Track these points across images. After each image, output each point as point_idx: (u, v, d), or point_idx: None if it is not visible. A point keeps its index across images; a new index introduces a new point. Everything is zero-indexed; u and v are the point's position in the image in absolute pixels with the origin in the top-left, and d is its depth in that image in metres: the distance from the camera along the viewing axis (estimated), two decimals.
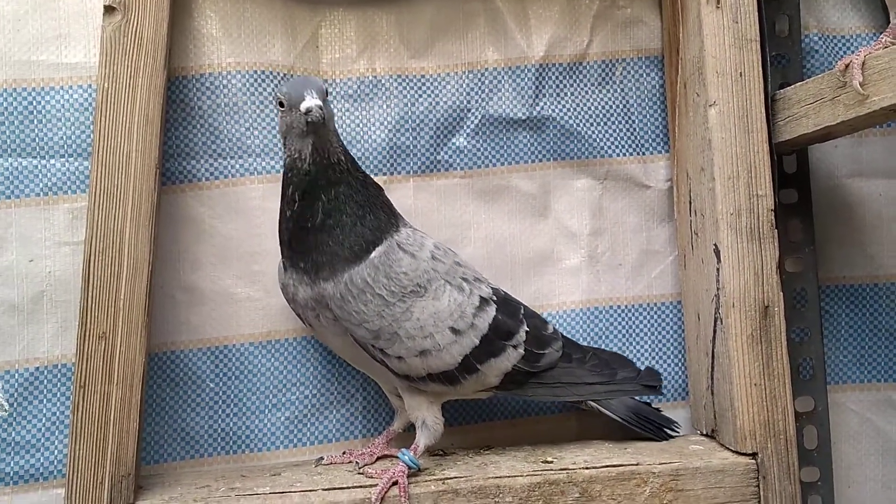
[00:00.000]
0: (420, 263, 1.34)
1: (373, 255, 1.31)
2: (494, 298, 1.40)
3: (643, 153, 1.62)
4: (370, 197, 1.34)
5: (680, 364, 1.60)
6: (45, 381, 1.42)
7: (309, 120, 1.24)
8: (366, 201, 1.32)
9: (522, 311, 1.43)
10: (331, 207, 1.30)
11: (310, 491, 1.31)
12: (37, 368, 1.42)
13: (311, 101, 1.24)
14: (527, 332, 1.40)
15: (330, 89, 1.53)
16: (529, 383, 1.41)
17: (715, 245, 1.42)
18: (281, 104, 1.30)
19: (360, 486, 1.32)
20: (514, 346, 1.39)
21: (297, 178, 1.31)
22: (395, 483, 1.31)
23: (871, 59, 1.26)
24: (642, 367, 1.55)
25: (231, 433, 1.49)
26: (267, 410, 1.50)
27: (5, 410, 1.41)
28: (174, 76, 1.48)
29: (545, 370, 1.42)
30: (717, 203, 1.42)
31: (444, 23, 1.58)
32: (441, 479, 1.34)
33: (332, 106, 1.35)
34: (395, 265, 1.31)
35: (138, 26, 1.35)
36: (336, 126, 1.34)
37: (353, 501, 1.30)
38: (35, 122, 1.44)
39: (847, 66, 1.29)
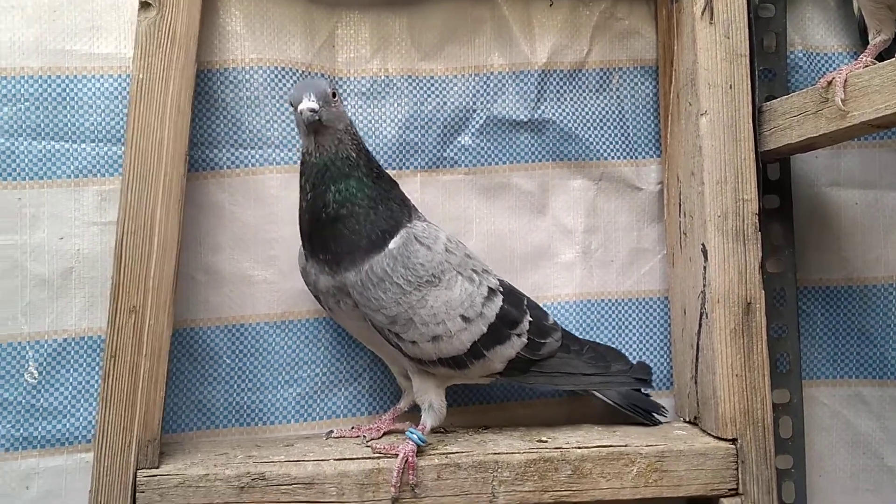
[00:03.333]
0: (435, 255, 1.42)
1: (391, 245, 1.39)
2: (501, 289, 1.49)
3: (636, 157, 1.71)
4: (382, 190, 1.42)
5: (665, 356, 1.70)
6: (73, 351, 1.51)
7: (303, 120, 1.35)
8: (378, 195, 1.41)
9: (525, 302, 1.52)
10: (342, 198, 1.38)
11: (322, 460, 1.40)
12: (65, 340, 1.51)
13: (305, 104, 1.34)
14: (530, 321, 1.50)
15: (344, 87, 1.63)
16: (531, 371, 1.51)
17: (703, 245, 1.52)
18: (290, 104, 1.40)
19: (369, 458, 1.42)
20: (518, 335, 1.48)
21: (307, 170, 1.40)
22: (407, 461, 1.40)
23: (852, 76, 1.35)
24: (633, 355, 1.65)
25: (245, 406, 1.57)
26: (280, 386, 1.58)
27: (35, 378, 1.49)
28: (200, 69, 1.55)
29: (545, 359, 1.51)
30: (705, 206, 1.52)
31: (453, 28, 1.67)
32: (443, 454, 1.43)
33: (343, 105, 1.43)
34: (413, 256, 1.40)
35: (172, 21, 1.44)
36: (349, 124, 1.42)
37: (362, 471, 1.39)
38: (68, 108, 1.53)
39: (830, 82, 1.37)
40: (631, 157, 1.71)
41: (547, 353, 1.51)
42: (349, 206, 1.38)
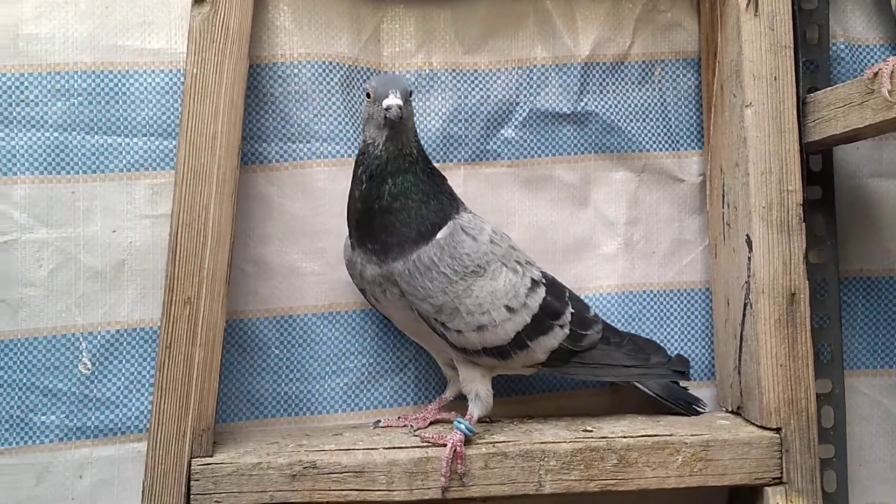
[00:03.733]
0: (480, 246, 1.44)
1: (438, 236, 1.41)
2: (544, 281, 1.51)
3: (678, 149, 1.72)
4: (435, 185, 1.44)
5: (706, 346, 1.71)
6: (126, 342, 1.54)
7: (387, 116, 1.36)
8: (430, 189, 1.43)
9: (567, 294, 1.54)
10: (397, 192, 1.40)
11: (372, 449, 1.42)
12: (118, 331, 1.53)
13: (392, 100, 1.36)
14: (572, 313, 1.51)
15: None
16: (572, 362, 1.52)
17: (747, 235, 1.53)
18: (368, 95, 1.42)
19: (418, 447, 1.43)
20: (561, 326, 1.50)
21: (367, 160, 1.42)
22: (456, 450, 1.42)
23: None
24: (673, 352, 1.67)
25: (294, 397, 1.59)
26: (327, 376, 1.60)
27: (88, 369, 1.52)
28: (249, 64, 1.58)
29: (586, 350, 1.53)
30: (750, 196, 1.53)
31: (496, 21, 1.68)
32: (490, 443, 1.45)
33: (412, 106, 1.45)
34: (459, 247, 1.42)
35: (225, 17, 1.46)
36: (414, 124, 1.45)
37: (411, 460, 1.41)
38: (120, 102, 1.55)
39: (876, 73, 1.38)
40: (673, 149, 1.72)
41: (588, 345, 1.53)
42: (402, 200, 1.40)
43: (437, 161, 1.64)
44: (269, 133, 1.60)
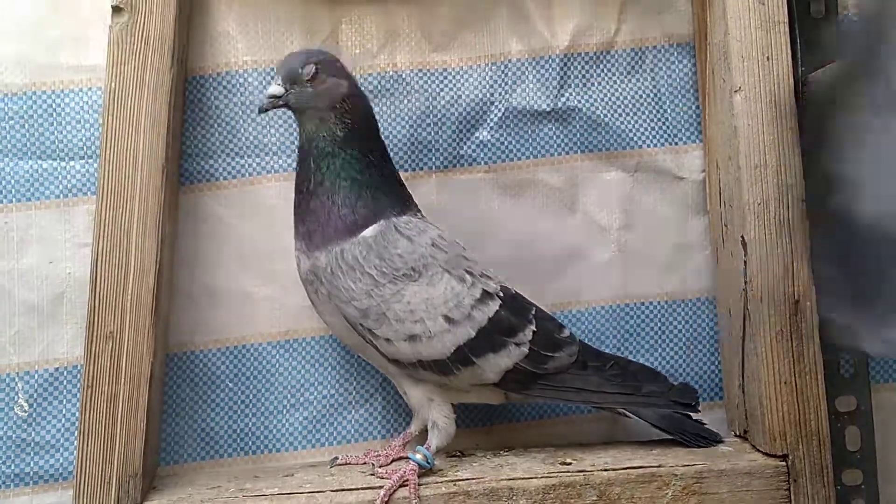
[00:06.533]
0: (417, 248, 1.32)
1: (366, 232, 1.31)
2: (501, 294, 1.36)
3: (676, 143, 1.56)
4: (372, 178, 1.33)
5: (716, 363, 1.54)
6: (65, 381, 1.44)
7: (259, 107, 1.33)
8: (365, 181, 1.33)
9: (533, 312, 1.39)
10: (323, 176, 1.31)
11: (318, 492, 1.29)
12: (56, 369, 1.44)
13: (269, 89, 1.31)
14: (534, 332, 1.36)
15: None
16: (537, 385, 1.37)
17: (742, 237, 1.36)
18: None
19: (370, 488, 1.29)
20: (517, 344, 1.35)
21: (299, 142, 1.35)
22: (406, 483, 1.29)
23: None
24: (678, 371, 1.52)
25: (250, 433, 1.48)
26: (285, 410, 1.49)
27: (25, 411, 1.42)
28: (191, 76, 1.48)
29: (554, 374, 1.37)
30: (743, 193, 1.36)
31: (465, 15, 1.55)
32: (452, 481, 1.30)
33: (335, 80, 1.33)
34: (391, 246, 1.31)
35: (145, 25, 1.35)
36: (342, 101, 1.32)
37: (361, 503, 1.27)
38: (55, 124, 1.47)
39: None
40: (670, 144, 1.56)
41: (554, 369, 1.37)
42: (328, 185, 1.32)
43: (406, 170, 1.52)
44: (215, 148, 1.50)
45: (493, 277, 1.38)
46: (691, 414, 1.44)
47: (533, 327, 1.37)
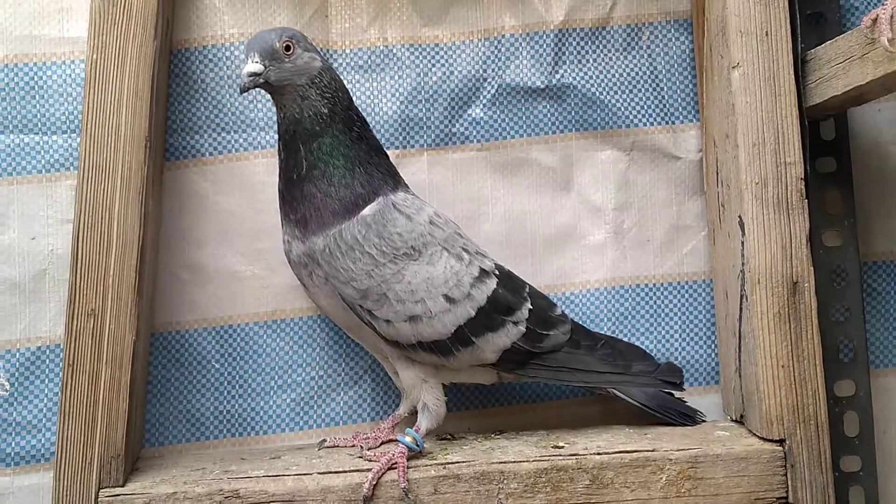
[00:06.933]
0: (416, 226, 1.29)
1: (365, 211, 1.27)
2: (496, 272, 1.34)
3: (672, 122, 1.52)
4: (363, 153, 1.30)
5: (712, 346, 1.51)
6: (47, 360, 1.41)
7: (239, 86, 1.25)
8: (357, 157, 1.29)
9: (527, 290, 1.37)
10: (314, 158, 1.28)
11: (305, 475, 1.26)
12: (38, 348, 1.41)
13: (247, 67, 1.25)
14: (530, 310, 1.34)
15: (339, 60, 1.49)
16: (531, 364, 1.35)
17: (739, 217, 1.33)
18: None
19: (358, 470, 1.27)
20: (515, 323, 1.32)
21: (278, 128, 1.30)
22: (395, 466, 1.26)
23: None
24: (673, 354, 1.49)
25: (236, 415, 1.45)
26: (273, 392, 1.46)
27: (6, 390, 1.39)
28: (177, 48, 1.45)
29: (549, 352, 1.35)
30: (740, 172, 1.33)
31: None
32: (442, 464, 1.28)
33: (308, 54, 1.29)
34: (390, 225, 1.27)
35: None
36: (318, 75, 1.29)
37: (348, 485, 1.24)
38: (37, 97, 1.43)
39: (874, 20, 1.18)
40: (667, 123, 1.53)
41: (550, 347, 1.35)
42: (322, 167, 1.28)
43: (397, 147, 1.49)
44: (201, 124, 1.47)
45: (487, 256, 1.36)
46: (673, 392, 1.43)
47: (529, 305, 1.34)
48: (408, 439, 1.27)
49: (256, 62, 1.24)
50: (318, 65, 1.29)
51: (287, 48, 1.26)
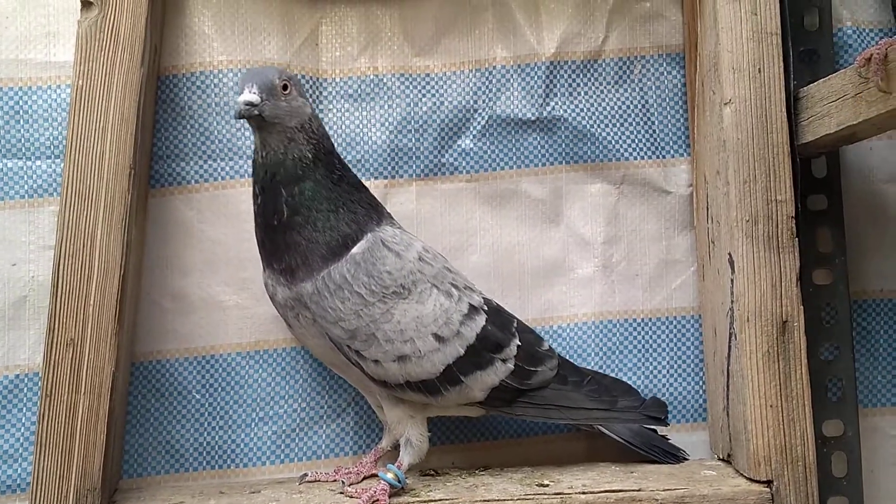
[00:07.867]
0: (406, 264, 1.27)
1: (354, 250, 1.25)
2: (485, 308, 1.32)
3: (663, 156, 1.51)
4: (344, 193, 1.28)
5: (700, 382, 1.49)
6: (26, 389, 1.39)
7: (235, 113, 1.21)
8: (339, 198, 1.27)
9: (515, 325, 1.35)
10: (296, 203, 1.24)
11: None
12: (17, 376, 1.39)
13: (243, 96, 1.21)
14: (518, 346, 1.32)
15: (329, 89, 1.48)
16: (518, 402, 1.33)
17: (729, 254, 1.32)
18: None
19: None
20: (504, 360, 1.31)
21: (256, 170, 1.27)
22: (376, 503, 1.24)
23: (893, 51, 1.14)
24: (661, 391, 1.48)
25: (217, 447, 1.43)
26: (254, 424, 1.44)
27: None
28: (164, 75, 1.43)
29: (536, 389, 1.33)
30: (731, 209, 1.32)
31: (449, 19, 1.51)
32: (425, 502, 1.25)
33: (301, 99, 1.27)
34: (379, 263, 1.25)
35: (115, 22, 1.31)
36: (308, 121, 1.27)
37: None
38: (21, 122, 1.42)
39: (868, 59, 1.17)
40: (657, 157, 1.52)
41: (538, 384, 1.34)
42: (304, 213, 1.24)
43: (385, 177, 1.48)
44: (187, 151, 1.45)
45: (474, 289, 1.35)
46: (657, 429, 1.42)
47: (517, 341, 1.33)
48: (389, 476, 1.25)
49: (254, 93, 1.21)
50: (308, 111, 1.27)
51: (285, 87, 1.24)
